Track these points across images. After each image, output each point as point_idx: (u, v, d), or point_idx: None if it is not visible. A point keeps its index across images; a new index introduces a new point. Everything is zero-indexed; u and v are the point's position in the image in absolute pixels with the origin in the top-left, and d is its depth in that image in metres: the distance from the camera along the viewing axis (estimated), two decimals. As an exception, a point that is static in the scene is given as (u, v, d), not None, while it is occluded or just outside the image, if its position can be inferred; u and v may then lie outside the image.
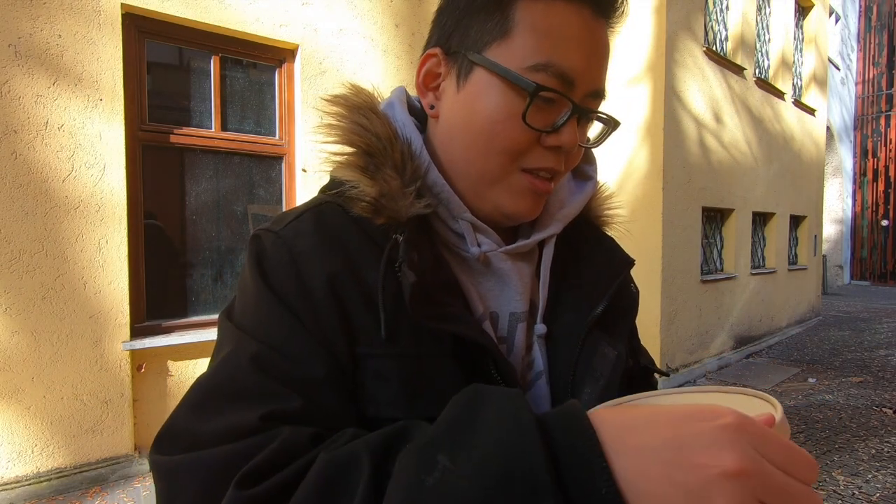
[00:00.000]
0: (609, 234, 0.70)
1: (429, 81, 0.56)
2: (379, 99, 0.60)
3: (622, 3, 0.53)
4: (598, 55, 0.51)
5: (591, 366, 0.56)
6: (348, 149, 0.54)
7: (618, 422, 0.33)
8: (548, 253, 0.59)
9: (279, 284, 0.49)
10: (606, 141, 0.59)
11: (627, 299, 0.64)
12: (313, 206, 0.54)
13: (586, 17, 0.50)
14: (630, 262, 0.65)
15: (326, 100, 0.58)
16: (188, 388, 0.47)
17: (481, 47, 0.51)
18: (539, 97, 0.49)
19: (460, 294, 0.54)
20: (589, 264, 0.61)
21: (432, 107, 0.57)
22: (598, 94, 0.53)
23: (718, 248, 6.16)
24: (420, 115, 0.61)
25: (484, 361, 0.50)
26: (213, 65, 3.43)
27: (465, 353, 0.50)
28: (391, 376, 0.48)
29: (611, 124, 0.57)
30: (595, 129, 0.60)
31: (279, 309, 0.48)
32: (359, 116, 0.55)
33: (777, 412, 0.35)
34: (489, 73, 0.50)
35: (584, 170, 0.66)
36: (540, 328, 0.57)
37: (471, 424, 0.35)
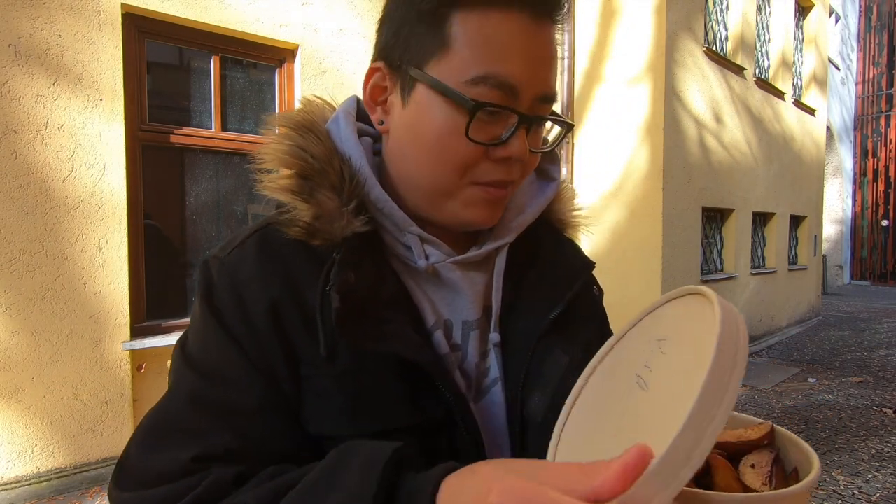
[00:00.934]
0: (572, 236, 0.69)
1: (376, 96, 0.55)
2: (330, 112, 0.59)
3: (561, 2, 0.51)
4: (542, 59, 0.50)
5: (541, 373, 0.56)
6: (285, 171, 0.54)
7: None
8: (500, 262, 0.59)
9: (223, 312, 0.50)
10: (560, 144, 0.58)
11: (588, 303, 0.64)
12: (258, 230, 0.55)
13: (525, 23, 0.48)
14: (590, 266, 0.65)
15: (271, 119, 0.56)
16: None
17: (421, 62, 0.50)
18: (481, 112, 0.48)
19: (408, 307, 0.54)
20: (545, 269, 0.60)
21: (381, 122, 0.56)
22: (547, 98, 0.52)
23: (718, 248, 6.16)
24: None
25: (426, 375, 0.50)
26: (213, 65, 3.43)
27: (408, 367, 0.50)
28: (333, 394, 0.49)
29: (564, 126, 0.56)
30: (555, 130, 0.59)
31: (221, 337, 0.50)
32: (297, 137, 0.54)
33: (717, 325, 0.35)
34: (430, 89, 0.49)
35: (547, 170, 0.65)
36: (494, 337, 0.57)
37: (329, 486, 0.38)
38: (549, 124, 0.57)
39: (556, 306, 0.57)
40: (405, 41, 0.51)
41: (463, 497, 0.32)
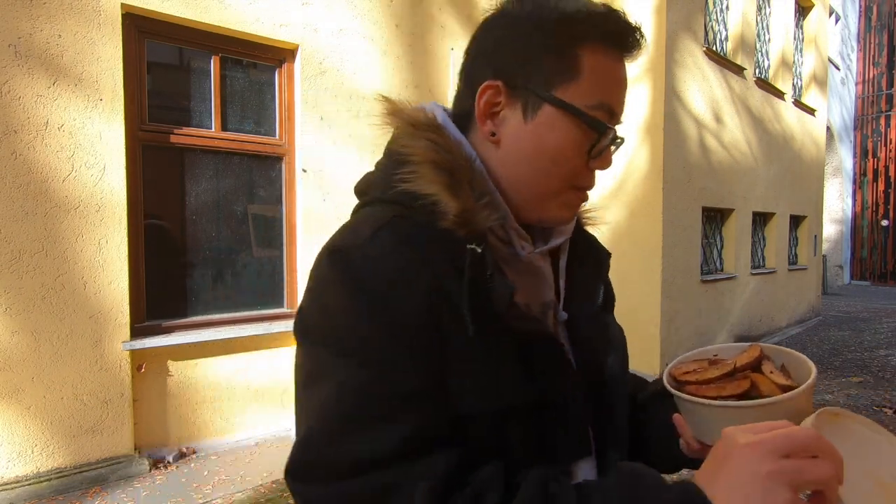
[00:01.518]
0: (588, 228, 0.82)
1: (488, 109, 0.61)
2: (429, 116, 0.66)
3: (639, 47, 0.61)
4: (624, 90, 0.62)
5: (608, 340, 0.71)
6: (428, 166, 0.58)
7: None
8: (565, 250, 0.69)
9: (379, 300, 0.51)
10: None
11: (609, 284, 0.79)
12: (386, 222, 0.56)
13: (620, 60, 0.59)
14: (608, 254, 0.79)
15: (410, 121, 0.61)
16: (301, 414, 0.53)
17: (550, 87, 0.58)
18: (598, 131, 0.58)
19: (511, 293, 0.59)
20: (586, 259, 0.72)
21: (493, 133, 0.61)
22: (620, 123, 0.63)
23: (718, 248, 6.16)
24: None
25: (551, 352, 0.60)
26: (213, 65, 3.43)
27: (529, 345, 0.58)
28: (472, 375, 0.54)
29: (621, 141, 0.67)
30: None
31: (381, 324, 0.51)
32: (430, 134, 0.59)
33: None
34: (558, 109, 0.58)
35: None
36: (562, 314, 0.67)
37: None
38: None
39: (598, 288, 0.71)
40: (532, 67, 0.58)
41: (727, 472, 0.44)
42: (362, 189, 0.67)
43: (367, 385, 0.50)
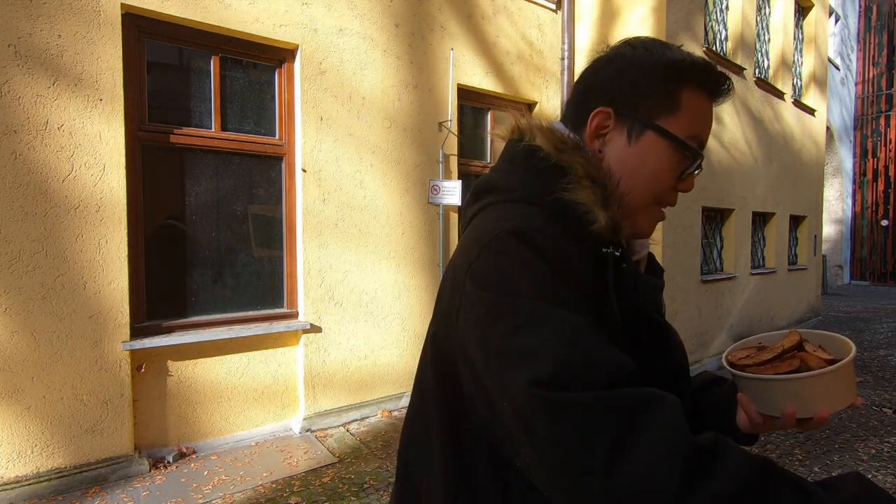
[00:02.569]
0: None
1: (597, 131, 0.73)
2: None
3: (731, 94, 0.75)
4: (710, 130, 0.75)
5: (676, 342, 0.83)
6: (587, 181, 0.68)
7: None
8: (643, 263, 0.82)
9: (565, 271, 0.62)
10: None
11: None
12: (545, 217, 0.66)
13: (710, 103, 0.72)
14: (663, 270, 0.92)
15: (567, 142, 0.72)
16: (516, 353, 0.57)
17: (654, 117, 0.70)
18: (689, 156, 0.71)
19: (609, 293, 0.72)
20: (653, 270, 0.84)
21: (600, 151, 0.73)
22: None
23: (718, 248, 6.16)
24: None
25: (663, 337, 0.76)
26: (213, 65, 3.43)
27: (641, 329, 0.73)
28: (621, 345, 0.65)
29: (698, 165, 0.77)
30: None
31: (571, 288, 0.61)
32: (584, 153, 0.71)
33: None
34: (659, 136, 0.70)
35: None
36: None
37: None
38: None
39: (661, 297, 0.83)
40: (639, 99, 0.70)
41: None
42: (487, 188, 0.75)
43: (582, 325, 0.58)
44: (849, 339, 0.73)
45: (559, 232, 0.65)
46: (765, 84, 6.55)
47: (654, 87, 0.70)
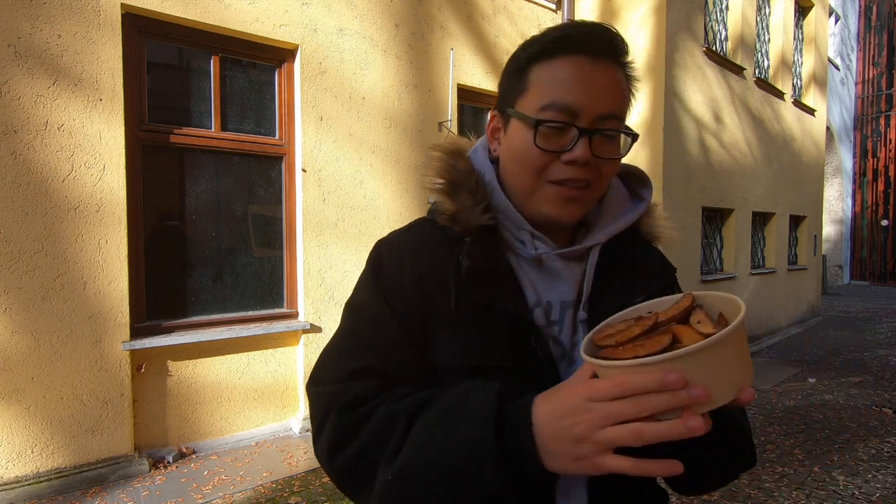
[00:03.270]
0: (658, 246, 0.88)
1: (494, 134, 0.78)
2: (470, 145, 0.83)
3: (615, 42, 0.69)
4: (598, 89, 0.67)
5: None
6: (440, 179, 0.75)
7: (544, 418, 0.57)
8: (593, 257, 0.76)
9: (385, 277, 0.73)
10: (628, 151, 0.75)
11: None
12: (417, 223, 0.80)
13: (582, 63, 0.67)
14: (671, 269, 0.83)
15: (437, 147, 0.79)
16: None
17: (512, 103, 0.72)
18: (544, 127, 0.67)
19: (515, 284, 0.73)
20: (632, 268, 0.78)
21: (495, 150, 0.79)
22: (610, 117, 0.68)
23: (718, 248, 6.16)
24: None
25: (525, 332, 0.70)
26: (213, 65, 3.43)
27: (511, 324, 0.70)
28: (453, 336, 0.70)
29: (630, 136, 0.73)
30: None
31: (378, 294, 0.72)
32: (450, 157, 0.77)
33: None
34: (516, 119, 0.71)
35: (639, 192, 0.85)
36: (581, 314, 0.74)
37: (459, 411, 0.60)
38: (628, 140, 0.75)
39: (638, 294, 0.73)
40: (505, 91, 0.74)
41: (548, 403, 0.56)
42: None
43: (356, 330, 0.72)
44: (741, 304, 0.57)
45: (420, 232, 0.77)
46: (765, 84, 6.55)
47: (511, 76, 0.73)
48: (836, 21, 13.69)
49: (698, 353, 0.47)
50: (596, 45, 0.68)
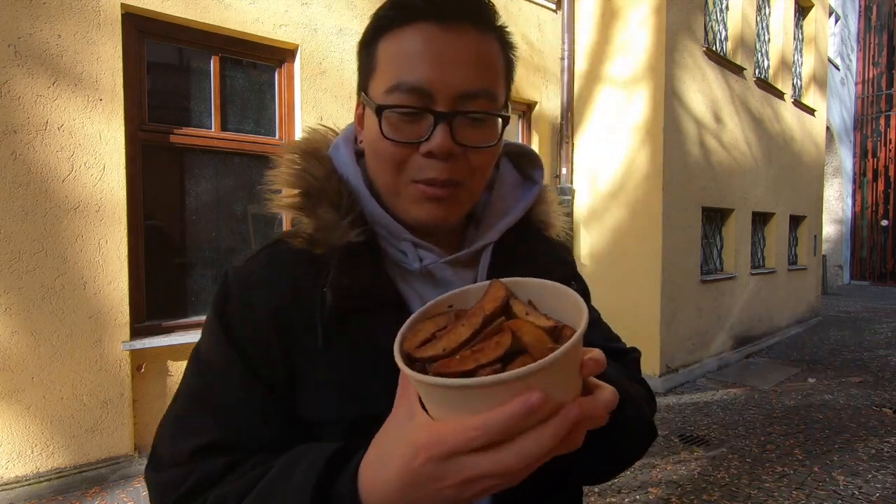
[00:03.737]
0: (555, 235, 0.75)
1: (361, 123, 0.64)
2: (332, 138, 0.68)
3: (474, 4, 0.56)
4: (455, 60, 0.54)
5: None
6: (292, 191, 0.61)
7: None
8: (485, 259, 0.65)
9: (231, 317, 0.58)
10: (505, 135, 0.61)
11: None
12: (268, 244, 0.63)
13: (431, 31, 0.54)
14: (566, 262, 0.72)
15: (283, 148, 0.65)
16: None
17: (365, 87, 0.60)
18: (391, 113, 0.55)
19: (399, 305, 0.60)
20: (525, 266, 0.64)
21: (361, 142, 0.65)
22: (472, 96, 0.55)
23: (718, 248, 6.16)
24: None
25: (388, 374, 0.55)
26: (213, 65, 3.43)
27: (392, 359, 0.52)
28: (326, 383, 0.56)
29: (502, 119, 0.59)
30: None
31: (224, 340, 0.58)
32: (301, 161, 0.63)
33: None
34: (367, 105, 0.59)
35: (530, 174, 0.73)
36: None
37: (275, 494, 0.47)
38: (500, 121, 0.60)
39: None
40: (360, 74, 0.62)
41: (385, 471, 0.41)
42: None
43: (197, 392, 0.58)
44: (566, 291, 0.46)
45: (272, 258, 0.61)
46: (765, 84, 6.55)
47: (361, 51, 0.61)
48: (836, 21, 13.69)
49: (562, 357, 0.37)
50: (447, 6, 0.54)
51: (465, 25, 0.55)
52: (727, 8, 6.07)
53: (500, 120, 0.59)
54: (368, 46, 0.59)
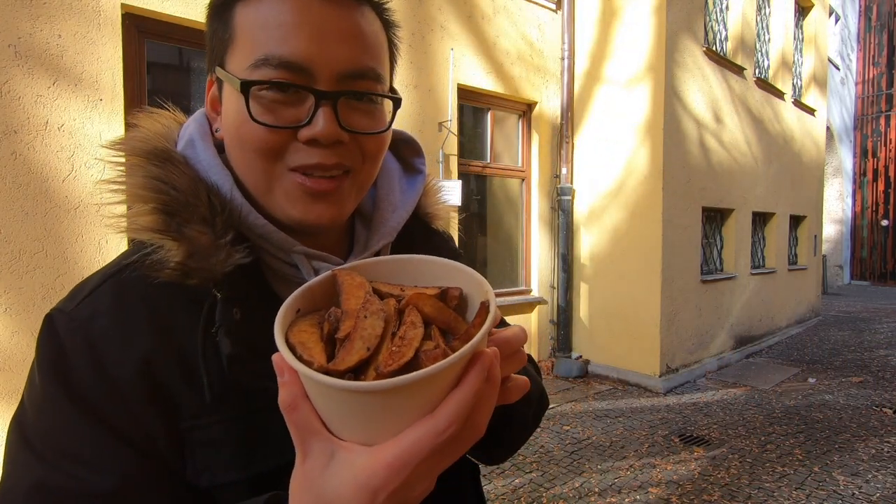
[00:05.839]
0: (440, 227, 0.70)
1: (216, 106, 0.54)
2: (176, 128, 0.55)
3: None
4: (339, 34, 0.47)
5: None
6: (143, 207, 0.48)
7: None
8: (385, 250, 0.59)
9: (74, 379, 0.44)
10: (394, 121, 0.54)
11: None
12: (111, 276, 0.49)
13: (308, 1, 0.46)
14: (458, 255, 0.67)
15: (107, 147, 0.52)
16: None
17: (221, 61, 0.50)
18: (261, 92, 0.46)
19: None
20: None
21: (218, 130, 0.54)
22: (359, 75, 0.48)
23: (718, 248, 6.16)
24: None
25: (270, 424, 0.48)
26: (213, 65, 3.43)
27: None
28: (223, 441, 0.46)
29: (393, 102, 0.53)
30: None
31: (72, 409, 0.43)
32: (151, 167, 0.50)
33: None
34: (227, 83, 0.49)
35: (413, 163, 0.66)
36: None
37: None
38: (390, 105, 0.53)
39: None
40: (212, 45, 0.51)
41: None
42: None
43: (39, 486, 0.41)
44: (421, 257, 0.44)
45: (123, 293, 0.47)
46: (765, 84, 6.55)
47: (213, 20, 0.51)
48: (836, 21, 13.70)
49: (496, 313, 0.37)
50: None
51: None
52: (727, 8, 6.07)
53: (390, 103, 0.52)
54: (221, 12, 0.49)
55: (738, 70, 5.98)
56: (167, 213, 0.48)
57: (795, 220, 8.09)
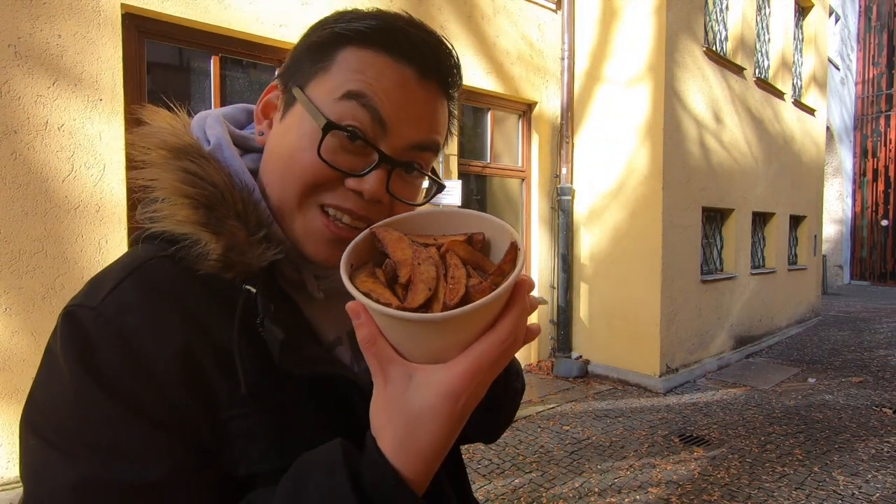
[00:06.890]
0: None
1: (267, 112, 0.58)
2: (183, 133, 0.55)
3: (452, 72, 0.54)
4: (419, 111, 0.52)
5: None
6: (182, 200, 0.50)
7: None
8: None
9: (110, 373, 0.44)
10: (426, 202, 0.57)
11: None
12: (135, 269, 0.49)
13: (408, 76, 0.51)
14: None
15: (141, 144, 0.52)
16: None
17: (304, 84, 0.52)
18: (343, 136, 0.50)
19: (309, 330, 0.56)
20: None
21: (262, 133, 0.58)
22: (424, 148, 0.53)
23: (718, 248, 6.16)
24: (240, 145, 0.60)
25: (347, 393, 0.53)
26: (213, 65, 3.43)
27: (326, 390, 0.52)
28: (258, 432, 0.48)
29: (436, 186, 0.58)
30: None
31: (110, 404, 0.43)
32: (187, 162, 0.51)
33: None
34: (303, 107, 0.52)
35: None
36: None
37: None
38: (426, 183, 0.58)
39: None
40: (298, 65, 0.54)
41: (422, 437, 0.41)
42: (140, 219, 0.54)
43: (85, 482, 0.41)
44: (441, 209, 0.51)
45: (152, 286, 0.48)
46: (765, 84, 6.55)
47: (313, 47, 0.53)
48: (836, 21, 13.70)
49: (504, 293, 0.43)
50: (429, 62, 0.52)
51: (435, 84, 0.53)
52: (727, 8, 6.07)
53: (433, 185, 0.57)
54: (325, 45, 0.52)
55: (738, 70, 5.98)
56: (207, 207, 0.50)
57: (795, 220, 8.09)
